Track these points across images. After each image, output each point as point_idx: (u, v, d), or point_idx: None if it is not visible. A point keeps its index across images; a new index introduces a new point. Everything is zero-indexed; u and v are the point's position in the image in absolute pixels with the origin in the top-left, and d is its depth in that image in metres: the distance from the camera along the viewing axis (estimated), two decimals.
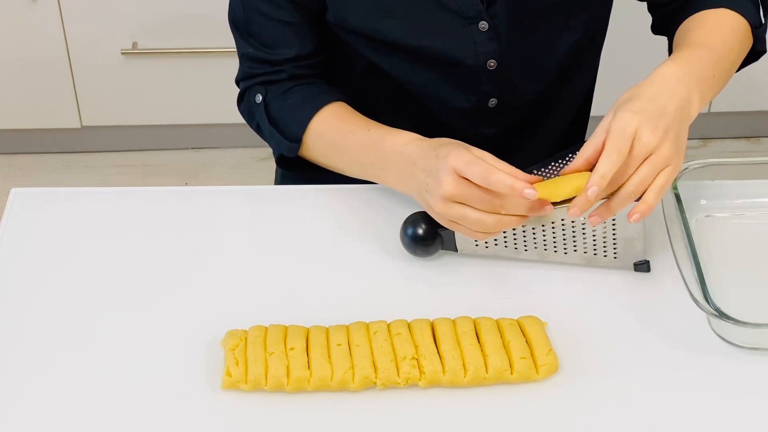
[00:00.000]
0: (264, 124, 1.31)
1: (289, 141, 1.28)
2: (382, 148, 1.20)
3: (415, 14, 1.25)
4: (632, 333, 1.12)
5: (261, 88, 1.31)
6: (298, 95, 1.29)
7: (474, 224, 1.09)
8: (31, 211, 1.27)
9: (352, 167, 1.26)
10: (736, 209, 1.27)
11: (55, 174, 2.60)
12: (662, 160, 1.07)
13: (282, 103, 1.29)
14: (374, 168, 1.22)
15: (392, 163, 1.19)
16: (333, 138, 1.26)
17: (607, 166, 1.05)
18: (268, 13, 1.28)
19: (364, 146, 1.23)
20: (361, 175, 1.26)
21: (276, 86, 1.30)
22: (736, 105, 2.61)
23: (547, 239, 1.17)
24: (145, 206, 1.29)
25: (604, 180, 1.05)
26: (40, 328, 1.12)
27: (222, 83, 2.44)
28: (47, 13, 2.38)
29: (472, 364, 1.05)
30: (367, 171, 1.24)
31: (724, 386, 1.07)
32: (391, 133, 1.21)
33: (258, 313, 1.13)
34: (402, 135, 1.20)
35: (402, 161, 1.17)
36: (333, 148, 1.27)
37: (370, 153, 1.22)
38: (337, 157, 1.27)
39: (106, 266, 1.20)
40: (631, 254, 1.17)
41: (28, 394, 1.05)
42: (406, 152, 1.17)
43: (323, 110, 1.27)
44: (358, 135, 1.23)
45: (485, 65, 1.28)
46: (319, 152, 1.28)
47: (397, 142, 1.19)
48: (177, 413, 1.04)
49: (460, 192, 1.08)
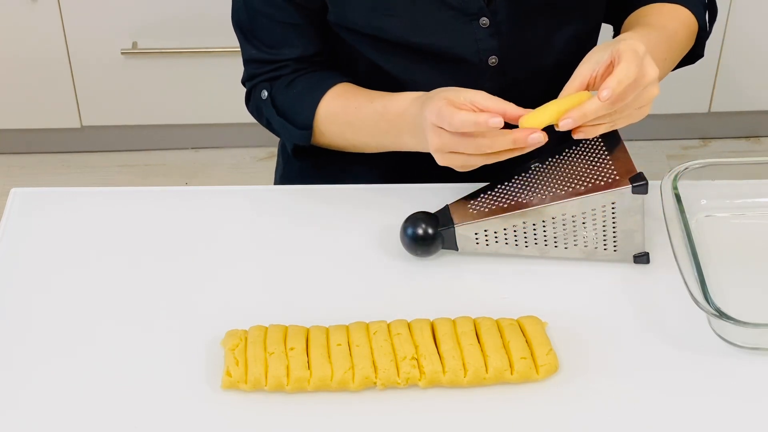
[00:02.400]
0: (273, 117, 1.32)
1: (301, 129, 1.29)
2: (389, 116, 1.22)
3: (416, 12, 1.25)
4: (632, 333, 1.12)
5: (266, 84, 1.32)
6: (302, 84, 1.30)
7: (479, 161, 1.12)
8: (31, 211, 1.27)
9: (369, 141, 1.28)
10: (736, 209, 1.27)
11: (55, 174, 2.60)
12: (657, 89, 1.12)
13: (287, 94, 1.31)
14: (391, 136, 1.24)
15: (403, 128, 1.21)
16: (342, 118, 1.27)
17: (625, 73, 1.07)
18: (272, 15, 1.28)
19: (373, 119, 1.24)
20: (381, 147, 1.28)
21: (280, 80, 1.31)
22: (736, 105, 2.61)
23: (548, 235, 1.17)
24: (145, 206, 1.29)
25: (620, 86, 1.07)
26: (40, 328, 1.12)
27: (222, 83, 2.44)
28: (47, 13, 2.38)
29: (472, 364, 1.05)
30: (385, 141, 1.26)
31: (724, 386, 1.07)
32: (393, 99, 1.23)
33: (258, 313, 1.13)
34: (401, 98, 1.22)
35: (410, 123, 1.20)
36: (345, 127, 1.28)
37: (382, 123, 1.24)
38: (351, 135, 1.28)
39: (106, 266, 1.20)
40: (630, 247, 1.18)
41: (29, 394, 1.05)
42: (409, 114, 1.20)
43: (328, 94, 1.28)
44: (364, 110, 1.25)
45: (486, 62, 1.28)
46: (333, 134, 1.29)
47: (400, 106, 1.21)
48: (177, 413, 1.04)
49: (444, 143, 1.11)
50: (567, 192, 1.15)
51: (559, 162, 1.20)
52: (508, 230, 1.18)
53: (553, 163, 1.20)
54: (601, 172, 1.16)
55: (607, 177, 1.15)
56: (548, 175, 1.19)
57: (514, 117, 1.10)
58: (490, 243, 1.19)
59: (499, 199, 1.18)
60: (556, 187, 1.16)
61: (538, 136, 1.08)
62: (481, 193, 1.20)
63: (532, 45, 1.30)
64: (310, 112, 1.28)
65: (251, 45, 1.32)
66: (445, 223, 1.18)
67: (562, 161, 1.20)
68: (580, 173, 1.17)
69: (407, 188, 1.31)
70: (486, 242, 1.19)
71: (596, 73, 1.11)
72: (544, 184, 1.18)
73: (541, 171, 1.20)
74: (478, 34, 1.26)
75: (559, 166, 1.19)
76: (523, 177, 1.20)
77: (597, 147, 1.19)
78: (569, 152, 1.20)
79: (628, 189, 1.13)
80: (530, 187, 1.18)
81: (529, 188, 1.18)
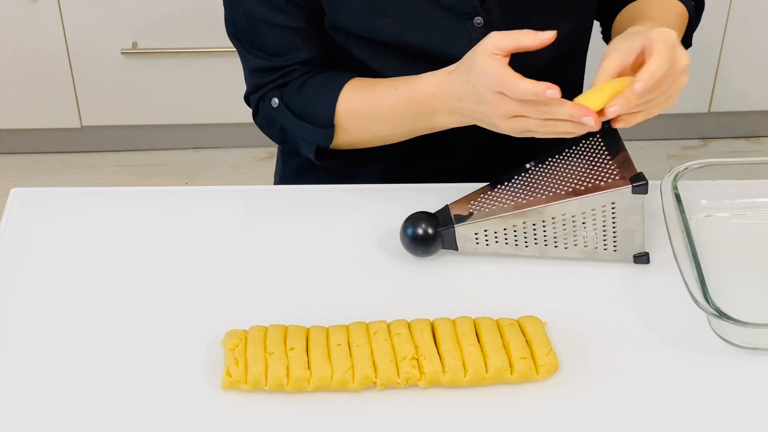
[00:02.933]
0: (290, 122, 1.29)
1: (322, 128, 1.28)
2: (418, 99, 1.22)
3: (410, 12, 1.25)
4: (632, 333, 1.12)
5: (275, 92, 1.30)
6: (316, 84, 1.29)
7: (539, 127, 1.13)
8: (31, 211, 1.27)
9: (395, 130, 1.27)
10: (736, 209, 1.27)
11: (55, 174, 2.60)
12: (687, 77, 1.14)
13: (301, 96, 1.29)
14: (422, 120, 1.23)
15: (438, 109, 1.21)
16: (365, 110, 1.26)
17: (658, 65, 1.09)
18: (274, 21, 1.27)
19: (401, 106, 1.24)
20: (409, 134, 1.27)
21: (289, 85, 1.30)
22: (736, 105, 2.61)
23: (548, 235, 1.17)
24: (145, 206, 1.29)
25: (652, 78, 1.08)
26: (40, 328, 1.12)
27: (222, 83, 2.44)
28: (47, 13, 2.38)
29: (472, 364, 1.05)
30: (415, 126, 1.25)
31: (724, 386, 1.07)
32: (418, 82, 1.22)
33: (258, 313, 1.13)
34: (427, 80, 1.21)
35: (446, 102, 1.19)
36: (369, 119, 1.27)
37: (411, 109, 1.23)
38: (377, 126, 1.27)
39: (106, 266, 1.20)
40: (630, 246, 1.18)
41: (29, 394, 1.05)
42: (443, 93, 1.19)
43: (344, 89, 1.27)
44: (389, 98, 1.25)
45: None
46: (355, 129, 1.28)
47: (428, 89, 1.21)
48: (177, 413, 1.04)
49: (510, 108, 1.12)
50: (567, 192, 1.16)
51: (559, 162, 1.20)
52: (508, 230, 1.18)
53: (553, 163, 1.20)
54: (601, 172, 1.16)
55: (607, 177, 1.15)
56: (548, 175, 1.19)
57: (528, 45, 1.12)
58: (490, 243, 1.19)
59: (499, 199, 1.18)
60: (556, 187, 1.16)
61: (590, 120, 1.09)
62: (481, 193, 1.20)
63: None
64: (329, 109, 1.27)
65: (253, 55, 1.30)
66: (445, 223, 1.18)
67: (562, 161, 1.20)
68: (580, 173, 1.17)
69: (407, 188, 1.31)
70: (486, 242, 1.19)
71: (626, 63, 1.12)
72: (544, 184, 1.18)
73: (542, 171, 1.20)
74: (472, 33, 1.26)
75: (559, 166, 1.19)
76: (523, 177, 1.20)
77: (597, 147, 1.19)
78: (569, 152, 1.20)
79: (628, 189, 1.14)
80: (530, 187, 1.18)
81: (529, 188, 1.18)
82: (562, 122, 1.12)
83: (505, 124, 1.14)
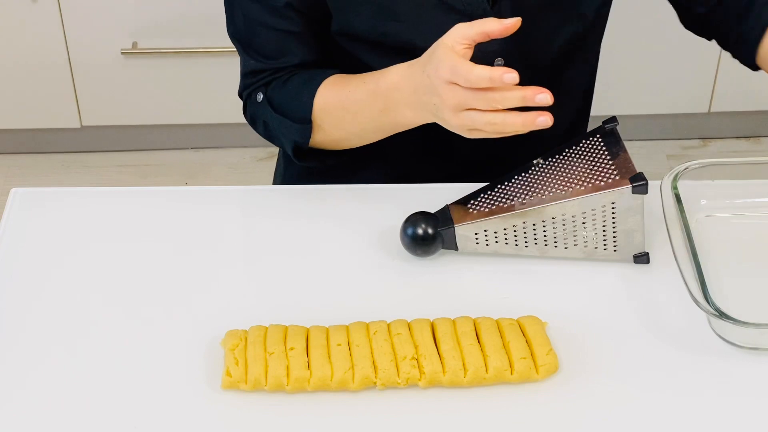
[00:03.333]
0: (270, 117, 1.29)
1: (300, 124, 1.27)
2: (382, 91, 1.20)
3: (421, 16, 1.24)
4: (632, 333, 1.12)
5: (261, 88, 1.31)
6: (297, 80, 1.29)
7: (486, 126, 1.10)
8: (31, 211, 1.27)
9: (367, 126, 1.25)
10: (736, 209, 1.26)
11: (55, 174, 2.60)
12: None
13: (283, 91, 1.29)
14: (387, 114, 1.21)
15: (399, 101, 1.19)
16: (338, 104, 1.25)
17: None
18: (272, 24, 1.27)
19: (367, 99, 1.22)
20: (380, 130, 1.25)
21: (275, 81, 1.30)
22: (736, 105, 2.61)
23: (548, 235, 1.17)
24: (145, 206, 1.29)
25: None
26: (39, 328, 1.12)
27: (222, 83, 2.44)
28: (47, 13, 2.38)
29: (472, 364, 1.05)
30: (381, 121, 1.23)
31: (723, 386, 1.07)
32: (383, 74, 1.20)
33: (258, 313, 1.13)
34: (393, 71, 1.19)
35: (406, 94, 1.17)
36: (342, 114, 1.25)
37: (376, 101, 1.21)
38: (348, 122, 1.26)
39: (105, 266, 1.20)
40: (630, 247, 1.18)
41: (29, 394, 1.05)
42: (404, 84, 1.17)
43: (323, 84, 1.26)
44: (358, 92, 1.23)
45: (492, 64, 1.28)
46: (329, 124, 1.27)
47: (392, 79, 1.19)
48: (177, 413, 1.04)
49: (459, 98, 1.09)
50: (567, 192, 1.16)
51: (559, 162, 1.20)
52: (508, 230, 1.18)
53: (553, 163, 1.20)
54: (601, 172, 1.16)
55: (607, 177, 1.15)
56: (548, 175, 1.19)
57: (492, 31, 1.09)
58: (490, 243, 1.19)
59: (499, 199, 1.18)
60: (556, 187, 1.16)
61: (545, 96, 1.07)
62: (481, 193, 1.20)
63: (533, 44, 1.30)
64: (308, 105, 1.26)
65: (250, 56, 1.31)
66: (445, 223, 1.18)
67: (562, 161, 1.20)
68: (580, 173, 1.17)
69: (407, 188, 1.31)
70: (486, 242, 1.19)
71: None
72: (544, 184, 1.18)
73: (542, 171, 1.20)
74: None
75: (559, 166, 1.19)
76: (523, 177, 1.20)
77: (597, 147, 1.19)
78: (569, 152, 1.20)
79: (628, 189, 1.14)
80: (530, 187, 1.18)
81: (529, 188, 1.18)
82: (512, 120, 1.09)
83: (454, 118, 1.11)
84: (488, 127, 1.10)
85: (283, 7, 1.26)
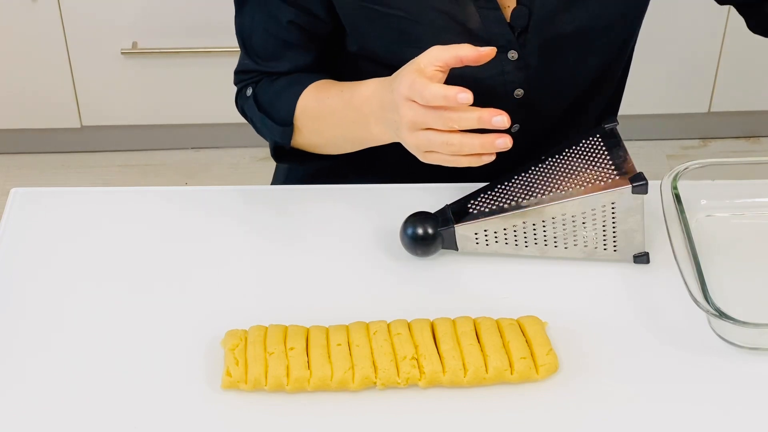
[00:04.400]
0: (254, 114, 1.30)
1: (281, 126, 1.27)
2: (355, 102, 1.19)
3: (442, 43, 1.23)
4: (632, 333, 1.12)
5: (252, 84, 1.31)
6: (285, 81, 1.29)
7: (442, 147, 1.07)
8: (31, 211, 1.27)
9: (340, 134, 1.24)
10: (736, 209, 1.27)
11: (55, 174, 2.61)
12: None
13: (270, 89, 1.29)
14: (359, 126, 1.20)
15: (369, 115, 1.17)
16: (315, 110, 1.25)
17: None
18: (274, 32, 1.27)
19: (342, 108, 1.21)
20: (353, 141, 1.24)
21: (264, 80, 1.31)
22: (736, 105, 2.61)
23: (548, 235, 1.17)
24: (145, 206, 1.29)
25: None
26: (39, 328, 1.12)
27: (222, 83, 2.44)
28: (47, 13, 2.38)
29: (472, 364, 1.05)
30: (354, 133, 1.22)
31: (724, 386, 1.07)
32: (359, 85, 1.19)
33: (258, 313, 1.13)
34: (368, 83, 1.18)
35: (375, 109, 1.16)
36: (318, 121, 1.25)
37: (349, 112, 1.20)
38: (325, 129, 1.25)
39: (105, 266, 1.20)
40: (630, 247, 1.18)
41: (28, 394, 1.05)
42: (374, 98, 1.16)
43: (308, 88, 1.26)
44: (334, 99, 1.22)
45: (512, 94, 1.27)
46: (309, 130, 1.26)
47: (365, 92, 1.18)
48: (177, 413, 1.04)
49: (417, 116, 1.07)
50: (567, 192, 1.16)
51: (559, 162, 1.20)
52: (508, 230, 1.18)
53: (553, 163, 1.20)
54: (601, 172, 1.16)
55: (607, 177, 1.15)
56: (548, 175, 1.19)
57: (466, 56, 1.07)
58: (490, 243, 1.19)
59: (499, 199, 1.18)
60: (556, 187, 1.16)
61: (501, 119, 1.05)
62: (481, 193, 1.20)
63: (558, 77, 1.28)
64: (290, 107, 1.26)
65: (247, 53, 1.31)
66: (445, 223, 1.18)
67: (562, 161, 1.20)
68: (580, 173, 1.17)
69: (407, 188, 1.31)
70: (486, 242, 1.19)
71: None
72: (544, 184, 1.18)
73: (542, 171, 1.20)
74: (505, 66, 1.24)
75: (559, 166, 1.19)
76: (523, 177, 1.20)
77: (597, 147, 1.19)
78: (569, 152, 1.20)
79: (628, 189, 1.14)
80: (530, 187, 1.18)
81: (529, 188, 1.18)
82: (469, 141, 1.07)
83: (410, 136, 1.10)
84: (444, 148, 1.08)
85: (287, 23, 1.25)
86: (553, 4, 1.22)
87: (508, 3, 1.22)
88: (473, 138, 1.07)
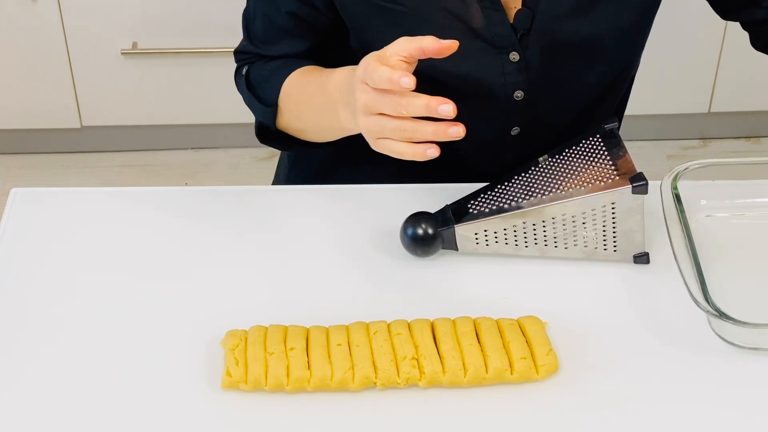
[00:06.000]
0: (244, 92, 1.32)
1: (265, 106, 1.28)
2: (328, 88, 1.19)
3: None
4: (632, 333, 1.12)
5: (249, 63, 1.33)
6: (276, 64, 1.30)
7: (394, 132, 1.06)
8: (31, 211, 1.27)
9: (317, 121, 1.24)
10: (736, 209, 1.27)
11: (55, 174, 2.61)
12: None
13: (261, 69, 1.31)
14: (329, 112, 1.19)
15: (337, 100, 1.17)
16: (295, 94, 1.25)
17: None
18: (273, 18, 1.28)
19: (315, 92, 1.21)
20: (326, 129, 1.24)
21: (259, 62, 1.32)
22: (736, 105, 2.61)
23: (548, 235, 1.17)
24: (145, 206, 1.29)
25: None
26: (39, 328, 1.12)
27: (222, 83, 2.43)
28: (47, 13, 2.38)
29: (472, 364, 1.05)
30: (325, 118, 1.21)
31: (724, 386, 1.07)
32: (334, 71, 1.19)
33: (258, 313, 1.13)
34: (340, 70, 1.18)
35: (342, 93, 1.15)
36: (299, 105, 1.25)
37: (321, 96, 1.20)
38: (305, 114, 1.25)
39: (105, 266, 1.20)
40: (630, 247, 1.18)
41: (28, 394, 1.05)
42: (342, 83, 1.16)
43: (296, 71, 1.26)
44: (312, 86, 1.22)
45: (512, 96, 1.27)
46: (290, 114, 1.27)
47: (336, 77, 1.17)
48: (177, 413, 1.04)
49: (369, 98, 1.07)
50: (567, 192, 1.16)
51: (559, 162, 1.20)
52: (508, 230, 1.18)
53: (553, 163, 1.20)
54: (601, 172, 1.16)
55: (607, 177, 1.15)
56: (548, 175, 1.19)
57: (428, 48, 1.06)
58: (490, 243, 1.19)
59: (499, 199, 1.18)
60: (556, 187, 1.17)
61: (448, 108, 1.03)
62: (481, 193, 1.20)
63: (561, 82, 1.28)
64: (276, 88, 1.27)
65: (248, 37, 1.33)
66: (445, 223, 1.18)
67: (562, 161, 1.20)
68: (580, 173, 1.17)
69: (407, 188, 1.31)
70: (486, 242, 1.19)
71: None
72: (544, 184, 1.18)
73: (542, 171, 1.20)
74: (506, 67, 1.24)
75: (559, 166, 1.19)
76: (523, 177, 1.20)
77: (597, 147, 1.19)
78: (569, 152, 1.20)
79: (628, 189, 1.14)
80: (530, 187, 1.18)
81: (529, 188, 1.18)
82: (422, 128, 1.05)
83: (364, 120, 1.09)
84: (396, 134, 1.07)
85: (286, 12, 1.26)
86: (558, 10, 1.22)
87: (514, 4, 1.22)
88: (426, 125, 1.06)
